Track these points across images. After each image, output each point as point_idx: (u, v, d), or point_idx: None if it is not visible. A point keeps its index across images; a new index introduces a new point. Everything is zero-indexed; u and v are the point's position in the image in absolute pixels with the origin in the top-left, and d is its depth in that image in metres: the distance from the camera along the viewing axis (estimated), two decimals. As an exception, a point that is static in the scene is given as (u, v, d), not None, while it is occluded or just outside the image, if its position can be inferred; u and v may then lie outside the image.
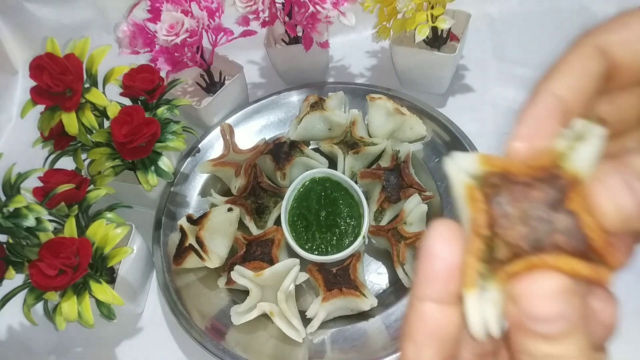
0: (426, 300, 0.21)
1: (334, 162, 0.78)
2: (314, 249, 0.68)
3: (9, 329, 0.73)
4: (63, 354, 0.70)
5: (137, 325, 0.72)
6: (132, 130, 0.64)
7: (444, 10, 0.72)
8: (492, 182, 0.21)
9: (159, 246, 0.72)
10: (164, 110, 0.71)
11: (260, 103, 0.86)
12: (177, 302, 0.67)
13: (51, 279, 0.54)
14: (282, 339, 0.64)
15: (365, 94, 0.81)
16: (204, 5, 0.72)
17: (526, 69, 0.88)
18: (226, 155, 0.79)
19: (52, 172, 0.65)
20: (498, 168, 0.21)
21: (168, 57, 0.75)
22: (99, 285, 0.58)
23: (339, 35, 0.95)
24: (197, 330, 0.64)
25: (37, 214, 0.56)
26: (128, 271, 0.66)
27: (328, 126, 0.79)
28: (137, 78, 0.69)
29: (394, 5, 0.72)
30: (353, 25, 0.76)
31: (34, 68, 0.61)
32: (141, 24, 0.75)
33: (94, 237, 0.60)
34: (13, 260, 0.58)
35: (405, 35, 0.82)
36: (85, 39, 0.66)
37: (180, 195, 0.79)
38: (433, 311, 0.21)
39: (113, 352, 0.70)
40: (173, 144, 0.69)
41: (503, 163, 0.21)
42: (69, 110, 0.63)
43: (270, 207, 0.75)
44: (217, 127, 0.83)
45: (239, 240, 0.70)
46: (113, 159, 0.69)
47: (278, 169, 0.76)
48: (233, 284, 0.65)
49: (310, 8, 0.74)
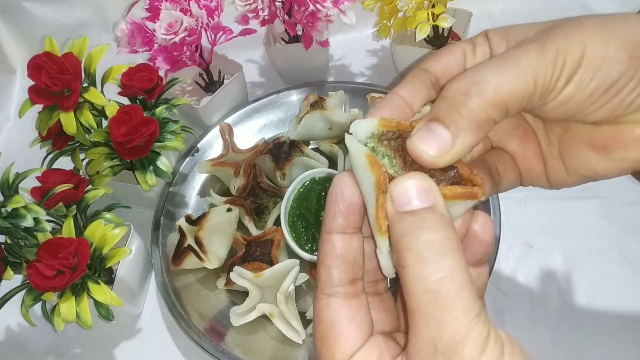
0: (333, 232, 0.27)
1: (334, 162, 0.78)
2: (314, 250, 0.68)
3: (7, 330, 0.73)
4: (61, 354, 0.70)
5: (136, 326, 0.71)
6: (131, 129, 0.64)
7: (445, 9, 0.72)
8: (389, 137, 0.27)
9: (157, 247, 0.72)
10: (163, 110, 0.71)
11: (259, 102, 0.85)
12: (176, 303, 0.67)
13: (49, 279, 0.54)
14: (282, 340, 0.64)
15: (365, 93, 0.81)
16: (202, 4, 0.72)
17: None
18: (225, 155, 0.78)
19: (50, 172, 0.65)
20: (392, 127, 0.28)
21: (167, 56, 0.75)
22: (97, 286, 0.58)
23: (339, 34, 0.95)
24: (196, 332, 0.64)
25: (35, 214, 0.56)
26: (126, 272, 0.66)
27: (328, 126, 0.79)
28: (135, 77, 0.68)
29: (394, 4, 0.72)
30: (353, 23, 0.75)
31: (32, 67, 0.61)
32: (140, 23, 0.74)
33: (92, 237, 0.60)
34: (11, 260, 0.58)
35: (406, 34, 0.81)
36: (83, 38, 0.66)
37: (179, 195, 0.78)
38: (338, 240, 0.27)
39: (111, 353, 0.69)
40: (172, 143, 0.69)
41: (396, 124, 0.28)
42: (67, 109, 0.63)
43: (270, 208, 0.74)
44: (216, 127, 0.83)
45: (238, 241, 0.70)
46: (111, 159, 0.68)
47: (278, 168, 0.76)
48: (232, 284, 0.65)
49: (310, 6, 0.73)
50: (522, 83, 0.27)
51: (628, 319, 0.63)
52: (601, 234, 0.70)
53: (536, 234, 0.70)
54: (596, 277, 0.66)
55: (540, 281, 0.67)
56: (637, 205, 0.71)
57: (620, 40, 0.27)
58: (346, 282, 0.27)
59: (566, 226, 0.70)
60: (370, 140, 0.28)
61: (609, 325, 0.63)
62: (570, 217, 0.71)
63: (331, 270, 0.27)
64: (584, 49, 0.27)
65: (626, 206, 0.71)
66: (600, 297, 0.65)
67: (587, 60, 0.27)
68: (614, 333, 0.62)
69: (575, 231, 0.70)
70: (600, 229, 0.70)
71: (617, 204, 0.72)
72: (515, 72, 0.27)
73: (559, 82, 0.27)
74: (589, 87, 0.27)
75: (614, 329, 0.63)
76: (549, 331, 0.63)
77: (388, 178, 0.26)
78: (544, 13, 0.94)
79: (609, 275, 0.66)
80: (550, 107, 0.28)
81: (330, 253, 0.27)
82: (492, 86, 0.26)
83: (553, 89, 0.27)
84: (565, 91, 0.27)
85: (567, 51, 0.27)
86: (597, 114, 0.29)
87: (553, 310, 0.65)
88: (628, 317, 0.63)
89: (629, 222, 0.70)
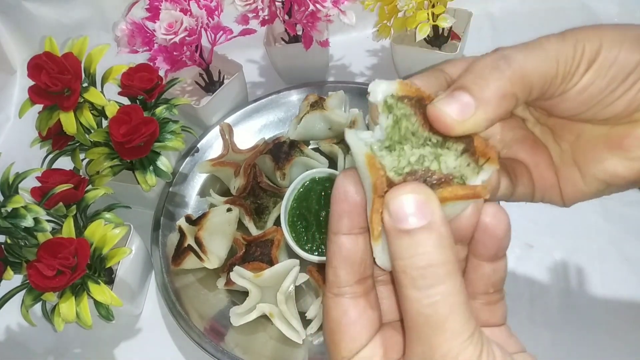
0: (339, 234, 0.27)
1: (334, 162, 0.78)
2: (314, 250, 0.68)
3: (7, 330, 0.73)
4: (61, 354, 0.70)
5: (136, 326, 0.71)
6: (131, 129, 0.64)
7: (445, 9, 0.72)
8: (409, 98, 0.27)
9: (157, 247, 0.72)
10: (163, 110, 0.71)
11: (259, 102, 0.85)
12: (175, 303, 0.67)
13: (49, 279, 0.54)
14: (282, 340, 0.64)
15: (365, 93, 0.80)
16: (202, 4, 0.72)
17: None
18: (225, 155, 0.78)
19: (50, 172, 0.65)
20: (412, 93, 0.27)
21: (167, 56, 0.75)
22: (97, 286, 0.58)
23: (339, 33, 0.95)
24: (196, 332, 0.64)
25: (35, 214, 0.56)
26: (126, 272, 0.66)
27: (328, 126, 0.79)
28: (135, 77, 0.68)
29: (394, 4, 0.72)
30: (353, 23, 0.75)
31: (32, 67, 0.61)
32: (140, 23, 0.74)
33: (92, 237, 0.60)
34: (11, 260, 0.58)
35: (406, 34, 0.81)
36: (83, 38, 0.66)
37: (179, 195, 0.78)
38: (345, 241, 0.27)
39: (111, 353, 0.69)
40: (172, 143, 0.69)
41: (415, 90, 0.27)
42: (67, 109, 0.63)
43: (270, 208, 0.74)
44: (216, 127, 0.83)
45: (238, 241, 0.70)
46: (111, 159, 0.68)
47: (278, 168, 0.75)
48: (232, 284, 0.65)
49: (310, 6, 0.73)
50: (546, 63, 0.28)
51: (628, 318, 0.63)
52: (601, 234, 0.70)
53: (536, 234, 0.70)
54: (596, 277, 0.66)
55: (540, 281, 0.67)
56: (637, 205, 0.71)
57: (634, 36, 0.28)
58: (353, 283, 0.28)
59: (566, 226, 0.70)
60: (390, 98, 0.27)
61: (609, 325, 0.63)
62: (570, 217, 0.71)
63: (338, 271, 0.27)
64: (601, 41, 0.28)
65: (626, 206, 0.71)
66: (600, 297, 0.65)
67: (606, 49, 0.28)
68: (614, 333, 0.62)
69: (575, 231, 0.70)
70: (600, 229, 0.70)
71: (617, 204, 0.71)
72: (539, 53, 0.28)
73: (580, 67, 0.28)
74: (608, 74, 0.28)
75: (614, 329, 0.63)
76: (549, 331, 0.63)
77: (386, 182, 0.25)
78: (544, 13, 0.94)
79: (609, 275, 0.66)
80: (571, 94, 0.29)
81: (337, 254, 0.27)
82: (519, 62, 0.27)
83: (575, 74, 0.28)
84: (586, 76, 0.28)
85: (585, 41, 0.28)
86: (614, 106, 0.29)
87: (553, 310, 0.65)
88: (628, 317, 0.63)
89: (629, 222, 0.70)
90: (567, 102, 0.29)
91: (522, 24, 0.94)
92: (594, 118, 0.30)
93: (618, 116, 0.30)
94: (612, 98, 0.29)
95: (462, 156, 0.27)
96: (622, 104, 0.29)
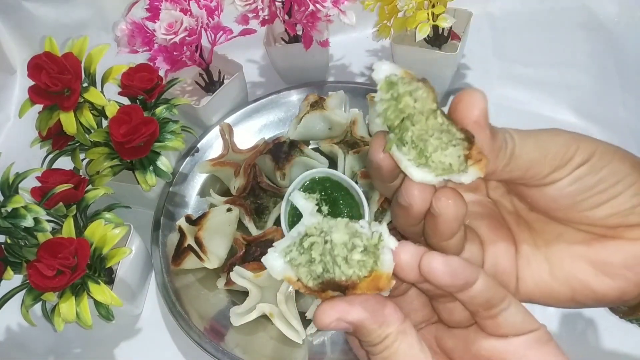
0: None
1: (334, 162, 0.78)
2: (314, 250, 0.68)
3: (7, 330, 0.73)
4: (61, 354, 0.70)
5: (136, 326, 0.71)
6: (131, 129, 0.64)
7: (445, 9, 0.72)
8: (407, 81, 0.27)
9: (157, 247, 0.72)
10: (163, 110, 0.71)
11: (259, 102, 0.85)
12: (175, 303, 0.67)
13: (49, 279, 0.54)
14: (282, 340, 0.64)
15: (365, 93, 0.80)
16: (202, 4, 0.72)
17: (527, 68, 0.88)
18: (225, 155, 0.78)
19: (50, 172, 0.65)
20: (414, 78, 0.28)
21: (167, 56, 0.75)
22: (97, 286, 0.58)
23: (339, 33, 0.95)
24: (196, 332, 0.64)
25: (35, 214, 0.56)
26: (126, 272, 0.66)
27: (328, 126, 0.79)
28: (135, 77, 0.68)
29: (394, 4, 0.72)
30: (353, 23, 0.75)
31: (32, 67, 0.61)
32: (140, 23, 0.74)
33: (92, 237, 0.60)
34: (11, 260, 0.58)
35: (406, 34, 0.81)
36: (83, 38, 0.66)
37: (179, 195, 0.78)
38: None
39: (111, 353, 0.69)
40: (172, 143, 0.69)
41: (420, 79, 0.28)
42: (67, 109, 0.63)
43: (270, 208, 0.74)
44: (216, 127, 0.83)
45: (238, 241, 0.70)
46: (111, 159, 0.68)
47: (278, 168, 0.75)
48: (232, 284, 0.65)
49: (310, 6, 0.73)
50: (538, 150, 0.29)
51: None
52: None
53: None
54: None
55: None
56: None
57: (623, 154, 0.30)
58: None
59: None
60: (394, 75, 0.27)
61: (609, 325, 0.63)
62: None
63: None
64: (596, 146, 0.29)
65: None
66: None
67: (600, 153, 0.29)
68: (614, 333, 0.62)
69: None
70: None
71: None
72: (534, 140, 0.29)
73: (573, 161, 0.29)
74: (599, 174, 0.29)
75: (614, 329, 0.63)
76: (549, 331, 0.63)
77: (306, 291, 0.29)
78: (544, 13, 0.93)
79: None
80: (562, 184, 0.29)
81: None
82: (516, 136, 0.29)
83: (566, 165, 0.29)
84: (578, 170, 0.29)
85: (579, 142, 0.29)
86: (599, 211, 0.30)
87: (553, 310, 0.65)
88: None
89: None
90: (556, 191, 0.29)
91: (522, 24, 0.94)
92: (577, 220, 0.31)
93: (600, 224, 0.30)
94: (598, 200, 0.29)
95: (458, 145, 0.27)
96: (607, 210, 0.30)
